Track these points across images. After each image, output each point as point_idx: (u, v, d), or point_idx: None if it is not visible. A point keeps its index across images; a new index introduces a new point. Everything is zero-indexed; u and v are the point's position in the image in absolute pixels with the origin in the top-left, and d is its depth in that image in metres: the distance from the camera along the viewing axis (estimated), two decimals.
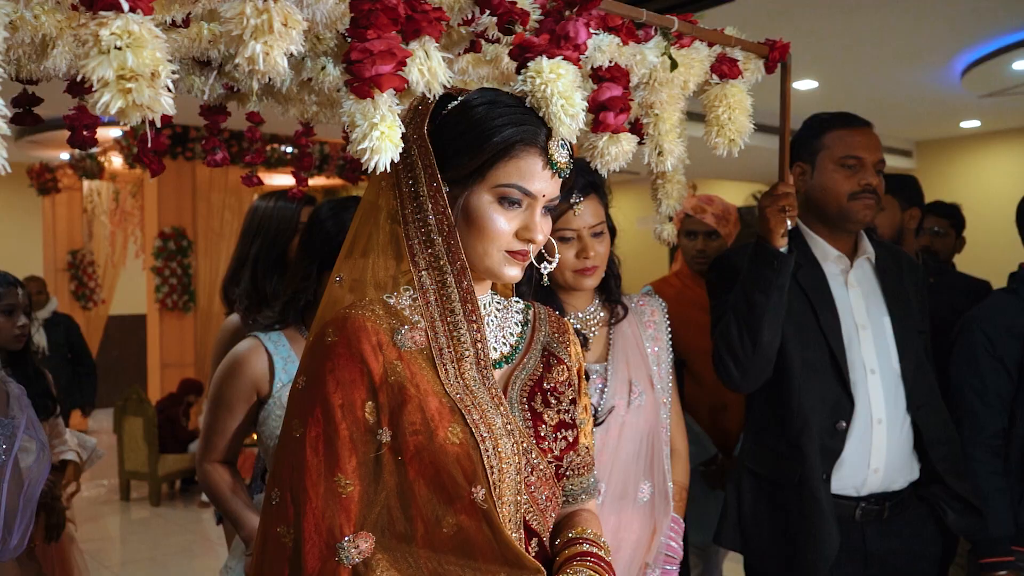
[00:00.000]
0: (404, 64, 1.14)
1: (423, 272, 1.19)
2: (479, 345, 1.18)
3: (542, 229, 1.19)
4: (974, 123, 8.15)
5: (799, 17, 4.71)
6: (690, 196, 3.07)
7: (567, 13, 1.45)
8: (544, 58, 1.25)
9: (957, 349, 2.27)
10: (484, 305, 1.26)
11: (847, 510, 1.99)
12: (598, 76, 1.60)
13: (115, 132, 7.18)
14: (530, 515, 1.20)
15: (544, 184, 1.18)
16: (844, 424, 1.96)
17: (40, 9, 1.31)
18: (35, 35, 1.33)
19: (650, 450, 1.89)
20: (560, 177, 1.20)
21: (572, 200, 1.78)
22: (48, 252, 8.89)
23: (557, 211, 1.70)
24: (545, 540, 1.24)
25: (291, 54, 1.68)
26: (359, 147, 1.09)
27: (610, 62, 1.60)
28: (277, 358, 1.85)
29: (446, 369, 1.16)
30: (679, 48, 1.72)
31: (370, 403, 1.12)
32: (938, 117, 7.79)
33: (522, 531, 1.19)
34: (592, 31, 1.58)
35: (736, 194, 9.58)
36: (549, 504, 1.24)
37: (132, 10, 0.94)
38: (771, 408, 2.04)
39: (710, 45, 1.79)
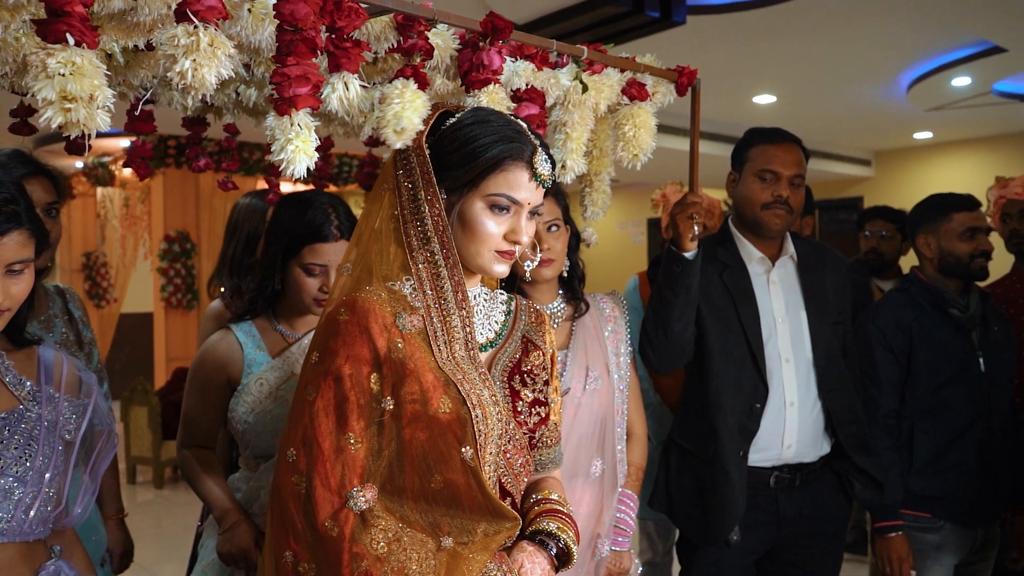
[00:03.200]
0: (319, 88, 1.26)
1: (420, 265, 1.29)
2: (468, 329, 1.29)
3: (527, 232, 1.31)
4: (927, 134, 8.26)
5: (757, 37, 4.80)
6: (678, 192, 3.19)
7: (482, 44, 1.59)
8: (392, 85, 1.38)
9: (856, 341, 2.40)
10: (473, 296, 1.37)
11: (762, 477, 2.10)
12: (517, 97, 1.73)
13: (125, 143, 7.28)
14: (505, 478, 1.31)
15: (529, 193, 1.30)
16: (759, 406, 2.08)
17: (20, 33, 1.42)
18: (16, 55, 1.44)
19: (603, 430, 1.98)
20: (543, 187, 1.32)
21: None
22: (64, 254, 8.91)
23: None
24: (517, 502, 1.35)
25: (257, 73, 1.80)
26: (277, 156, 1.20)
27: (527, 85, 1.73)
28: (247, 348, 1.82)
29: (439, 349, 1.26)
30: (592, 74, 1.84)
31: (375, 375, 1.21)
32: (893, 128, 7.89)
33: (497, 491, 1.29)
34: (510, 58, 1.71)
35: (718, 197, 9.65)
36: (522, 470, 1.35)
37: (78, 44, 1.06)
38: (694, 391, 2.15)
39: (622, 71, 1.92)
